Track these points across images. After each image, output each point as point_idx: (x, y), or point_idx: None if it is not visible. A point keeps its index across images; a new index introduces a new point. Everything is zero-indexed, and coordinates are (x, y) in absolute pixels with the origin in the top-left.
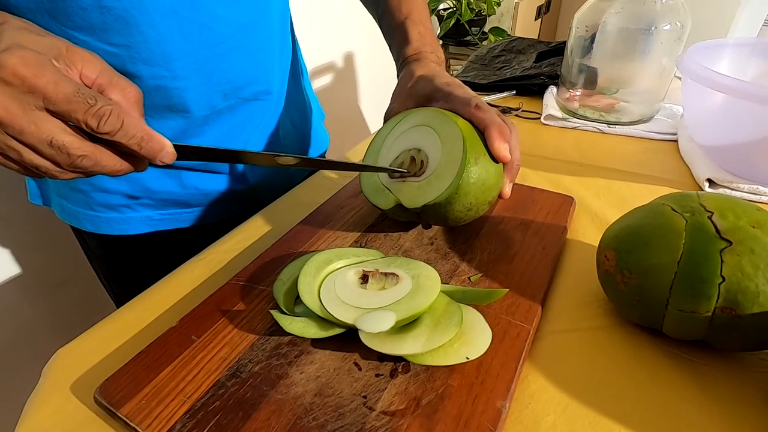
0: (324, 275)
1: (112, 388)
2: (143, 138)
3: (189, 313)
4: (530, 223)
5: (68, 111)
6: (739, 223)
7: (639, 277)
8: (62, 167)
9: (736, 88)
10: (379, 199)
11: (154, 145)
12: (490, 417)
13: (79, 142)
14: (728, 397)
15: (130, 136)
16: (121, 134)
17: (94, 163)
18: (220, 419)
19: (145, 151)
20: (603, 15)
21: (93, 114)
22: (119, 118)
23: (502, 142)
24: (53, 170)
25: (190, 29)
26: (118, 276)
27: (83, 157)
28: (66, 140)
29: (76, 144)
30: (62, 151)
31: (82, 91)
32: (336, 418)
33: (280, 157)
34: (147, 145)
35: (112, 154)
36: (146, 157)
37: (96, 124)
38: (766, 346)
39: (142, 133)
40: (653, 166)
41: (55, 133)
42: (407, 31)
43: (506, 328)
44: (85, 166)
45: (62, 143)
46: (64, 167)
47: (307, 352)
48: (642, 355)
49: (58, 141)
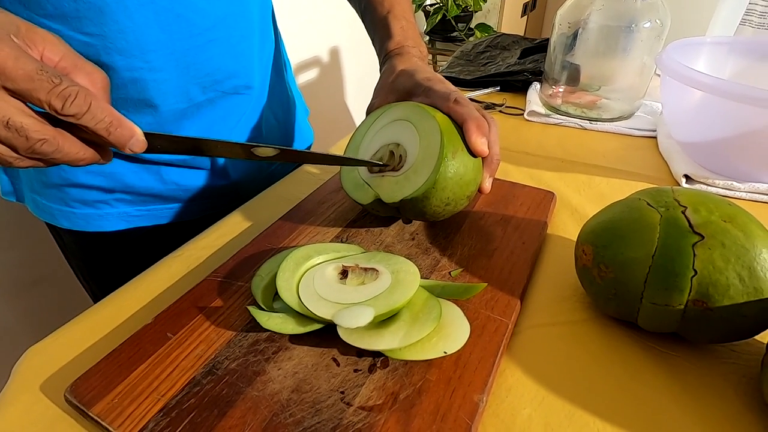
0: (303, 271)
1: (83, 387)
2: (112, 123)
3: (165, 310)
4: (511, 219)
5: (29, 90)
6: (711, 218)
7: (615, 271)
8: (19, 152)
9: (713, 86)
10: (359, 195)
11: (124, 132)
12: (467, 411)
13: (39, 125)
14: (699, 387)
15: (98, 119)
16: (88, 117)
17: (56, 149)
18: (195, 417)
19: (113, 138)
20: (585, 12)
21: (57, 94)
22: (86, 100)
23: (480, 136)
24: (8, 156)
25: (167, 19)
26: (96, 273)
27: (43, 142)
28: (25, 122)
29: (36, 126)
30: (20, 134)
31: (45, 69)
32: (313, 414)
33: (257, 149)
34: (116, 131)
35: (75, 140)
36: (115, 144)
37: (60, 105)
38: (736, 338)
39: (111, 118)
40: (633, 162)
41: (12, 114)
42: (389, 25)
43: (485, 323)
44: (45, 152)
45: (20, 125)
46: (21, 152)
47: (285, 349)
48: (618, 348)
49: (15, 122)
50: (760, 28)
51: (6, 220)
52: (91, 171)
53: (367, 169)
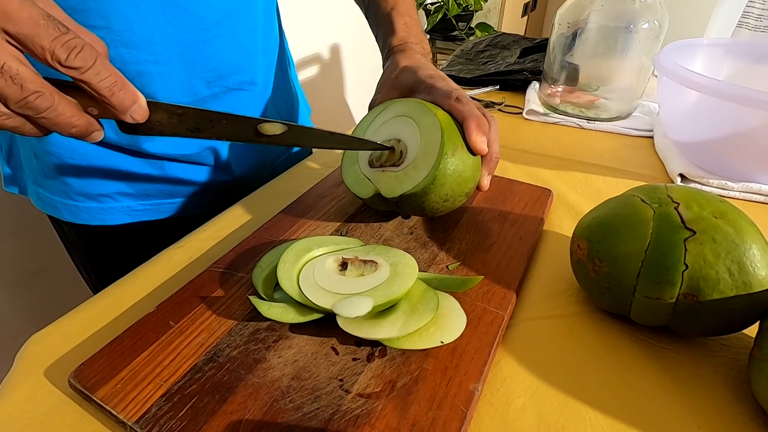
0: (303, 262)
1: (87, 372)
2: (116, 83)
3: (167, 299)
4: (508, 214)
5: (32, 35)
6: (702, 214)
7: (609, 265)
8: (8, 106)
9: (710, 87)
10: (360, 189)
11: (127, 95)
12: (462, 399)
13: (36, 76)
14: (689, 379)
15: (102, 77)
16: (92, 73)
17: (51, 106)
18: (197, 402)
19: (116, 100)
20: (584, 12)
21: (63, 43)
22: (92, 54)
23: (480, 134)
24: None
25: (174, 12)
26: (98, 266)
27: (39, 95)
28: (21, 69)
29: (33, 77)
30: (15, 82)
31: (51, 17)
32: (312, 401)
33: (264, 125)
34: (119, 93)
35: (72, 101)
36: (116, 107)
37: (65, 55)
38: (726, 332)
39: (116, 78)
40: (629, 161)
41: (7, 59)
42: (393, 21)
43: (481, 315)
44: (39, 107)
45: (16, 71)
46: (11, 105)
47: (285, 337)
48: (610, 341)
49: (11, 68)
50: (757, 30)
51: (7, 210)
52: (95, 164)
53: (368, 164)
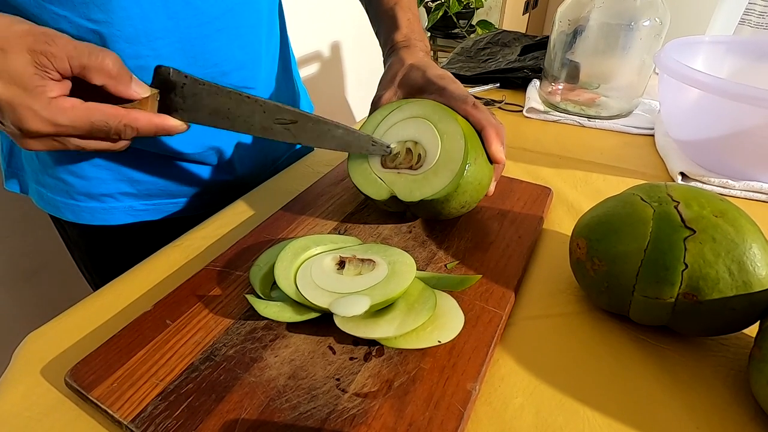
0: (301, 261)
1: (84, 371)
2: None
3: (164, 298)
4: (507, 213)
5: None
6: (702, 213)
7: (608, 264)
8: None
9: (711, 85)
10: (372, 190)
11: (160, 131)
12: (459, 399)
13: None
14: (689, 379)
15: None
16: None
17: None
18: (193, 401)
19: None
20: (585, 10)
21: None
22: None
23: (500, 143)
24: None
25: (175, 7)
26: (99, 266)
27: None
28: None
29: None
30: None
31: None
32: (309, 400)
33: (281, 111)
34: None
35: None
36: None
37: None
38: (725, 331)
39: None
40: (630, 159)
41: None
42: (396, 16)
43: (479, 314)
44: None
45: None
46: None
47: (282, 336)
48: (609, 340)
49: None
50: (759, 27)
51: (7, 208)
52: (97, 164)
53: (380, 164)
